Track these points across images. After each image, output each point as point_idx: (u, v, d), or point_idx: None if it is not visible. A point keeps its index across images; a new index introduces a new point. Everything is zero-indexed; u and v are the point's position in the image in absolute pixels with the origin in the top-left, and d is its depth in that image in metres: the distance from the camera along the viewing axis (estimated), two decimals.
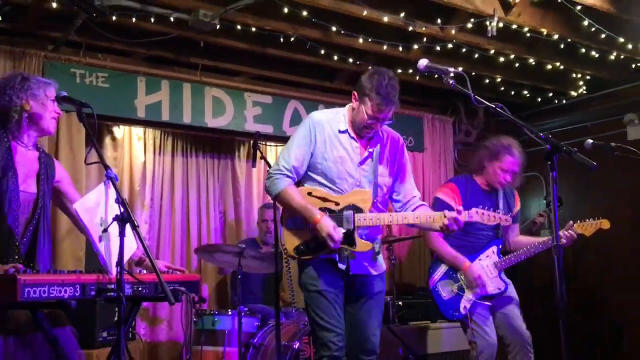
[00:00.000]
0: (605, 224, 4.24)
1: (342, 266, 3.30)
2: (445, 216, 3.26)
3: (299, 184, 3.43)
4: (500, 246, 4.33)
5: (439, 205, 4.01)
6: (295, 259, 3.37)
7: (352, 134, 3.37)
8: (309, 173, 3.39)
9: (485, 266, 4.21)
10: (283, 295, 5.86)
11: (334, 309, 3.27)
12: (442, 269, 4.26)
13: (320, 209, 3.26)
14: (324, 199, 3.32)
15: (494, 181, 4.29)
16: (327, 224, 3.20)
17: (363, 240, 3.31)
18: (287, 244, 3.36)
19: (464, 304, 4.14)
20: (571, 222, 4.19)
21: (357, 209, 3.29)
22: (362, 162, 3.37)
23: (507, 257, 4.27)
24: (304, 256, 3.33)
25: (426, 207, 3.51)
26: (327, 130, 3.36)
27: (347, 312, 3.37)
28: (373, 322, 3.40)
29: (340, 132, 3.37)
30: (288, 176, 3.32)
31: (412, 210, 3.45)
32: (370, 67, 3.34)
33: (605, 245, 6.18)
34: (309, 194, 3.34)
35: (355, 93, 3.34)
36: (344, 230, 3.25)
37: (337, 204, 3.30)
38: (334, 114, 3.44)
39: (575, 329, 6.07)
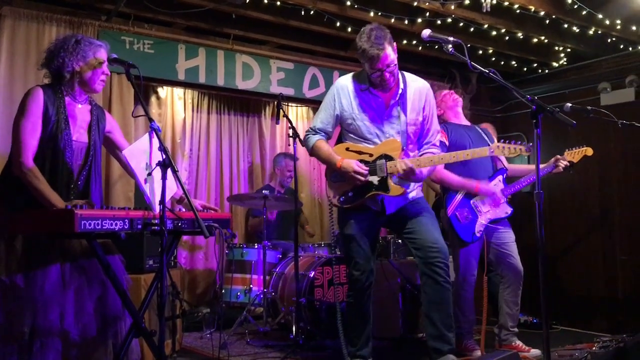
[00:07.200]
0: (589, 151, 4.14)
1: (375, 208, 3.27)
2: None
3: (340, 141, 3.37)
4: (505, 175, 4.13)
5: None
6: (338, 207, 3.33)
7: (374, 91, 3.24)
8: (346, 132, 3.34)
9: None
10: (307, 228, 5.84)
11: (360, 247, 3.26)
12: (458, 197, 4.02)
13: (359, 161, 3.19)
14: (359, 152, 3.25)
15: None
16: (348, 163, 3.15)
17: (396, 185, 3.21)
18: (331, 195, 3.34)
19: (478, 227, 3.98)
20: (558, 155, 4.07)
21: (389, 158, 3.18)
22: (389, 115, 3.25)
23: (511, 184, 4.11)
24: (346, 204, 3.28)
25: (437, 148, 3.37)
26: (350, 93, 3.26)
27: (409, 232, 3.28)
28: (430, 233, 3.24)
29: (362, 90, 3.25)
30: (316, 134, 3.32)
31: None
32: None
33: (577, 194, 6.12)
34: (347, 149, 3.28)
35: (358, 57, 3.23)
36: (378, 178, 3.18)
37: (370, 155, 3.22)
38: (357, 76, 3.32)
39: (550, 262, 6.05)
